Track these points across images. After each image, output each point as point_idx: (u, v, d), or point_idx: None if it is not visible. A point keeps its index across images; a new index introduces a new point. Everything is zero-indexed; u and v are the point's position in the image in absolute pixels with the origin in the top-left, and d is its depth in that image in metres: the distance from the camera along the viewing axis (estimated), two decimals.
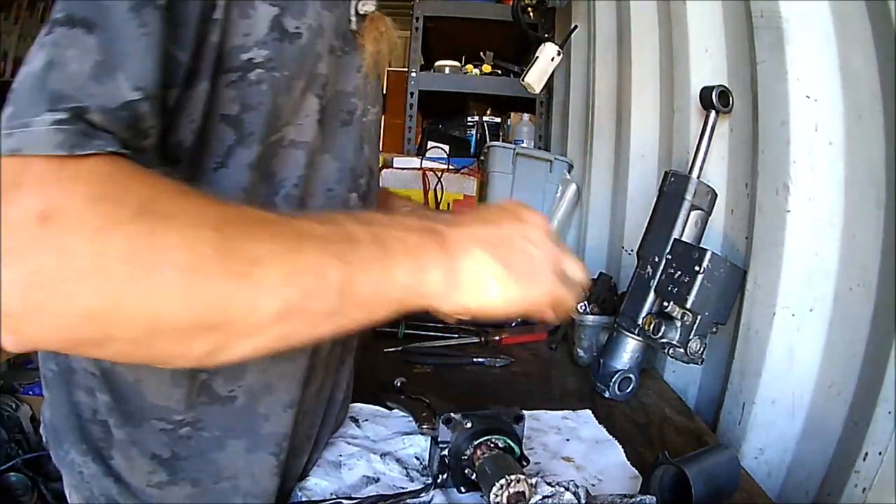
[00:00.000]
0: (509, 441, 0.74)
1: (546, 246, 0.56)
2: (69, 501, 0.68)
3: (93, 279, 0.38)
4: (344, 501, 0.72)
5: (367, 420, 0.92)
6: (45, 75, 0.43)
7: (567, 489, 0.70)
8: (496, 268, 0.52)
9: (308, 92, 0.61)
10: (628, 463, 0.87)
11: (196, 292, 0.41)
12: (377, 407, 0.96)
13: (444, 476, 0.75)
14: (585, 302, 1.25)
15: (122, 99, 0.44)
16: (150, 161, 0.48)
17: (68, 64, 0.44)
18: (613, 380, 1.10)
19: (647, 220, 1.15)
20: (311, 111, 0.62)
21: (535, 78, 1.66)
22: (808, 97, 0.90)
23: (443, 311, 0.53)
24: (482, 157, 2.12)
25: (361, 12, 0.66)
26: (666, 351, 1.03)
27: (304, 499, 0.74)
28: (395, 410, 0.96)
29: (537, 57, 1.66)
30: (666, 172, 1.15)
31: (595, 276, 1.40)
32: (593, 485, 0.82)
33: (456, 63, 2.39)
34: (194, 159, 0.56)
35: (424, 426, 0.89)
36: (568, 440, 0.93)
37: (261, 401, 0.66)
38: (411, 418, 0.92)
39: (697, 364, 1.03)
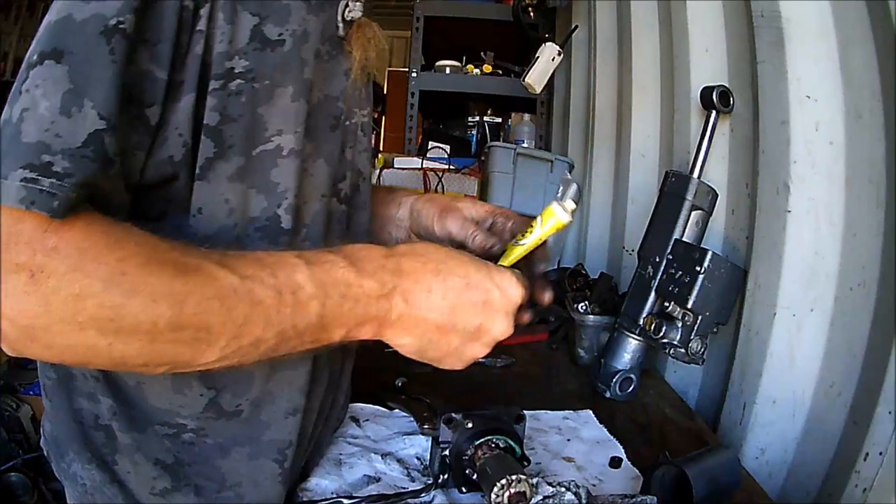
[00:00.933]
0: (510, 441, 0.74)
1: (488, 336, 0.63)
2: None
3: (73, 330, 0.48)
4: (344, 501, 0.72)
5: (367, 420, 0.92)
6: (18, 126, 0.47)
7: (568, 489, 0.71)
8: (416, 350, 0.64)
9: (300, 98, 0.61)
10: (629, 463, 0.87)
11: (151, 350, 0.51)
12: (378, 407, 0.96)
13: (445, 476, 0.75)
14: (586, 302, 1.25)
15: (88, 131, 0.48)
16: (120, 187, 0.53)
17: (38, 105, 0.48)
18: (614, 380, 1.10)
19: (648, 220, 1.15)
20: (302, 118, 0.62)
21: (536, 78, 1.67)
22: (808, 97, 0.90)
23: None
24: (483, 158, 2.12)
25: (348, 18, 0.66)
26: (667, 351, 1.03)
27: (304, 498, 0.74)
28: (396, 410, 0.96)
29: (538, 57, 1.66)
30: (667, 172, 1.15)
31: (596, 276, 1.40)
32: (594, 485, 0.82)
33: (456, 63, 2.39)
34: (183, 172, 0.57)
35: (425, 426, 0.89)
36: (569, 440, 0.93)
37: (263, 409, 0.66)
38: (412, 418, 0.93)
39: (698, 364, 1.03)
